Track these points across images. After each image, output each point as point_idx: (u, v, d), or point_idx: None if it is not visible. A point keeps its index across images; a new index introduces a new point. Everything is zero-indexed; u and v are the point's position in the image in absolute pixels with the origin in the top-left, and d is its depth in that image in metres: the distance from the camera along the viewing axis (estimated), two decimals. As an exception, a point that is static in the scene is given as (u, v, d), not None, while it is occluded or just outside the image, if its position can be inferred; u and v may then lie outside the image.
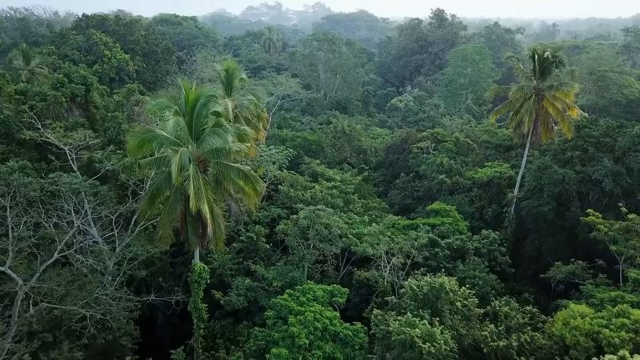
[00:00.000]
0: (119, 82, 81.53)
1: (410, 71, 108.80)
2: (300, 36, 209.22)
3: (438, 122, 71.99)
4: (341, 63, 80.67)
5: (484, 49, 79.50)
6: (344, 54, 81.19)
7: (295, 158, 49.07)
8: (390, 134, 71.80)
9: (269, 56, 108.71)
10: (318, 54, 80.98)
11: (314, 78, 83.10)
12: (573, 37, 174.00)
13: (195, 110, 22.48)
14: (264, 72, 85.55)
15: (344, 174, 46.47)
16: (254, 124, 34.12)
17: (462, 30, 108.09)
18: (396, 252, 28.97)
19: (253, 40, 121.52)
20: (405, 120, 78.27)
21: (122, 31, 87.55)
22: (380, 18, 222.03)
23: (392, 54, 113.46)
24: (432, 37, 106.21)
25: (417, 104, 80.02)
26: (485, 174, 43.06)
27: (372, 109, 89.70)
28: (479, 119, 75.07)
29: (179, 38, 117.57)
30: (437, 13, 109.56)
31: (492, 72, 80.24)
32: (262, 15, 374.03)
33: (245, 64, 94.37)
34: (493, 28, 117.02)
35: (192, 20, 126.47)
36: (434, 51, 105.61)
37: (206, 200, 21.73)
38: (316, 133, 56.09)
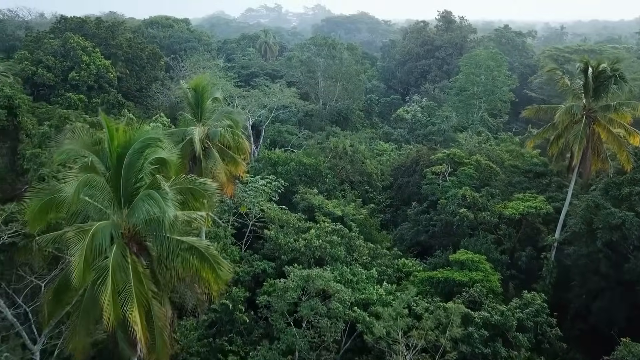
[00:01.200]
0: (98, 91, 73.74)
1: (416, 77, 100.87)
2: (300, 39, 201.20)
3: (450, 137, 64.17)
4: (342, 70, 72.85)
5: (499, 54, 71.69)
6: (345, 60, 73.37)
7: (289, 185, 41.30)
8: (397, 149, 64.03)
9: (265, 61, 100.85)
10: (317, 59, 73.17)
11: (312, 86, 75.27)
12: (583, 40, 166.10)
13: (125, 161, 14.69)
14: (258, 79, 77.70)
15: (346, 206, 38.65)
16: (231, 156, 26.25)
17: (471, 33, 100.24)
18: (417, 340, 21.14)
19: (248, 43, 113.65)
20: (412, 132, 70.42)
21: (103, 35, 79.69)
22: (382, 20, 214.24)
23: (396, 59, 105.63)
24: (439, 41, 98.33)
25: (425, 115, 72.16)
26: (517, 210, 35.16)
27: (375, 119, 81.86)
28: (494, 133, 67.26)
29: (170, 42, 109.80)
30: (444, 15, 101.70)
31: (508, 80, 72.37)
32: (262, 18, 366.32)
33: (238, 70, 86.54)
34: (503, 31, 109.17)
35: (183, 23, 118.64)
36: (441, 56, 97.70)
37: (137, 302, 13.93)
38: (313, 153, 48.24)
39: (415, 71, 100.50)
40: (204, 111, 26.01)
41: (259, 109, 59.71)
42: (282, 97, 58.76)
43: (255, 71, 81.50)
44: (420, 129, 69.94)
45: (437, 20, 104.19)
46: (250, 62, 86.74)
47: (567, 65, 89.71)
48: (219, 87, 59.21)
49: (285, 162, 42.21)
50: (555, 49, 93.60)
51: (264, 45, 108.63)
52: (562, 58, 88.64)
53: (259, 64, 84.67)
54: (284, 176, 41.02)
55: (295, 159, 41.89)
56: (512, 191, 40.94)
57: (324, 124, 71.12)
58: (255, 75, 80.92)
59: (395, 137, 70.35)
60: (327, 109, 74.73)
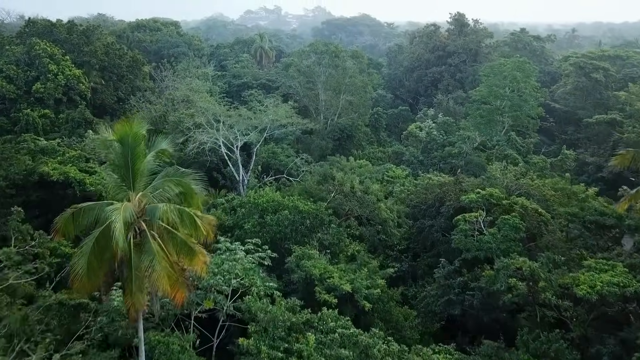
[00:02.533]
0: (67, 104, 63.85)
1: (426, 86, 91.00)
2: (299, 42, 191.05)
3: (474, 162, 54.25)
4: (346, 81, 62.93)
5: (527, 63, 61.70)
6: (349, 70, 63.39)
7: (280, 240, 31.47)
8: (411, 175, 54.13)
9: (260, 68, 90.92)
10: (317, 69, 63.23)
11: (312, 99, 65.37)
12: (598, 44, 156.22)
13: None
14: (251, 92, 67.80)
15: (357, 273, 28.75)
16: (182, 242, 16.33)
17: (487, 38, 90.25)
18: None
19: (242, 48, 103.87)
20: (428, 153, 60.49)
21: (75, 40, 69.72)
22: (384, 23, 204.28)
23: (403, 66, 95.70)
24: (451, 46, 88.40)
25: (441, 133, 62.27)
26: (593, 288, 25.19)
27: (383, 135, 71.94)
28: (524, 155, 57.34)
29: (157, 47, 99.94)
30: (456, 18, 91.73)
31: (537, 92, 62.44)
32: (261, 20, 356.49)
33: (229, 79, 76.62)
34: (520, 35, 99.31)
35: (173, 26, 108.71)
36: (454, 63, 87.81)
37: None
38: (313, 190, 38.38)
39: (425, 79, 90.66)
40: (137, 175, 16.07)
41: (250, 130, 49.81)
42: (277, 116, 48.72)
43: (248, 81, 71.51)
44: (437, 150, 60.04)
45: (449, 23, 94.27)
46: (242, 71, 76.67)
47: (595, 74, 79.96)
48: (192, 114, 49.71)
49: (276, 208, 32.30)
50: (583, 56, 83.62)
51: (259, 50, 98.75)
52: (589, 66, 78.68)
53: (252, 74, 74.61)
54: (275, 228, 31.15)
55: (289, 205, 31.92)
56: (572, 250, 30.99)
57: (325, 143, 61.28)
58: (248, 86, 70.98)
59: (408, 158, 60.46)
60: (328, 125, 64.84)
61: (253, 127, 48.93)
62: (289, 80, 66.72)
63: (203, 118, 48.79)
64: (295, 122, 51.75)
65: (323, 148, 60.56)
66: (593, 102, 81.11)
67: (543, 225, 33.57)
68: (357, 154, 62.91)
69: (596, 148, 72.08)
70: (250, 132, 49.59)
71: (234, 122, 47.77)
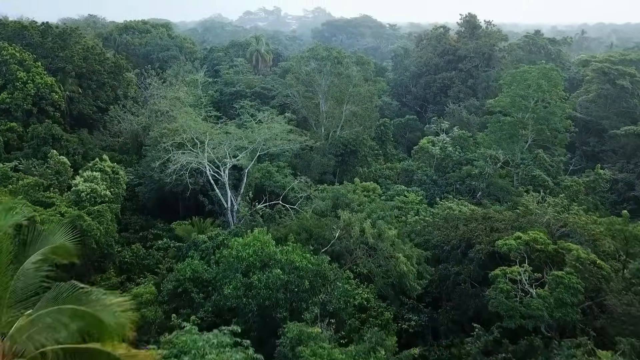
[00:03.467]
0: (38, 116, 56.65)
1: (435, 93, 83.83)
2: (298, 43, 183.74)
3: (499, 186, 47.09)
4: (350, 90, 55.75)
5: (555, 70, 54.43)
6: (353, 78, 56.13)
7: (270, 308, 24.29)
8: (425, 201, 46.98)
9: (255, 74, 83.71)
10: (317, 77, 56.02)
11: (312, 109, 58.19)
12: (609, 47, 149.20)
13: None
14: (244, 101, 60.57)
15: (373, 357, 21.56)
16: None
17: (500, 41, 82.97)
18: None
19: (238, 52, 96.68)
20: (443, 172, 53.29)
21: (49, 44, 62.48)
22: (387, 24, 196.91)
23: (410, 71, 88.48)
24: (462, 50, 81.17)
25: (457, 149, 55.07)
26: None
27: (390, 148, 64.69)
28: (554, 176, 50.13)
29: (146, 50, 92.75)
30: (467, 20, 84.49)
31: (564, 103, 55.21)
32: (260, 21, 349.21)
33: (221, 87, 69.34)
34: (534, 38, 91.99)
35: (164, 28, 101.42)
36: (466, 68, 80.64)
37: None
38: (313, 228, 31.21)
39: (434, 85, 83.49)
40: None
41: (240, 149, 42.65)
42: (271, 134, 41.52)
43: (241, 90, 64.18)
44: (452, 168, 52.86)
45: (459, 25, 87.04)
46: (235, 78, 69.29)
47: (621, 80, 72.84)
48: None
49: (265, 263, 25.10)
50: (606, 60, 76.41)
51: (255, 54, 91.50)
52: (614, 72, 71.55)
53: (245, 81, 67.21)
54: (264, 293, 23.92)
55: (283, 259, 24.68)
56: None
57: (327, 160, 54.06)
58: (241, 95, 63.72)
59: (419, 178, 53.26)
60: (330, 138, 57.66)
61: (244, 147, 41.70)
62: (286, 89, 59.49)
63: (185, 136, 41.63)
64: (292, 140, 44.53)
65: (324, 165, 53.41)
66: (617, 111, 74.03)
67: (604, 281, 26.41)
68: (363, 172, 55.79)
69: (625, 163, 65.05)
70: (241, 151, 42.40)
71: (221, 142, 40.55)
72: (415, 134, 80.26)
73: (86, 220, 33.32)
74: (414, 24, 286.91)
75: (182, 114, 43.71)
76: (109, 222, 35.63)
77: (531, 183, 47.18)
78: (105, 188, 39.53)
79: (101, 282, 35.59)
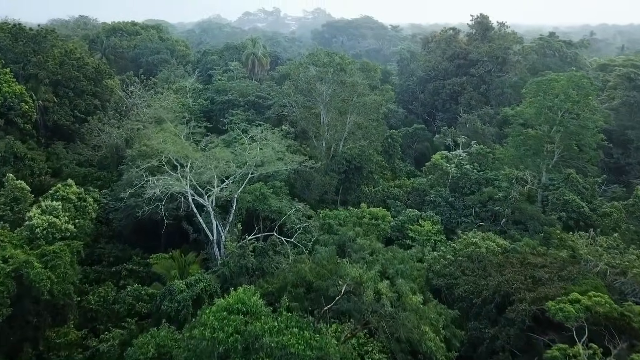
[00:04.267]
0: (7, 128, 50.31)
1: (444, 100, 77.39)
2: (298, 45, 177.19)
3: (530, 215, 40.67)
4: (354, 100, 49.41)
5: (586, 78, 47.96)
6: (358, 86, 49.73)
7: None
8: (442, 231, 40.64)
9: (251, 78, 77.33)
10: (318, 85, 49.63)
11: (312, 121, 51.81)
12: (620, 49, 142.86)
13: None
14: (236, 111, 54.18)
15: None
16: None
17: (515, 43, 76.54)
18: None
19: (233, 55, 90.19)
20: (459, 192, 46.93)
21: (20, 48, 56.03)
22: (389, 25, 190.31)
23: (416, 75, 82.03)
24: (474, 53, 74.74)
25: (475, 166, 48.71)
26: None
27: (398, 163, 58.28)
28: (588, 200, 43.70)
29: (135, 53, 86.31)
30: (479, 20, 78.07)
31: (597, 116, 48.78)
32: (259, 22, 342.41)
33: (212, 94, 62.85)
34: (549, 40, 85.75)
35: (154, 30, 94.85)
36: (478, 73, 74.19)
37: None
38: (313, 287, 24.89)
39: (443, 92, 77.07)
40: None
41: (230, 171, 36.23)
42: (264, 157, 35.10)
43: (234, 99, 57.67)
44: (471, 188, 46.48)
45: (470, 27, 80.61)
46: (228, 85, 62.71)
47: (648, 86, 66.56)
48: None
49: (249, 346, 18.70)
50: (631, 65, 70.09)
51: (251, 57, 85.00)
52: (641, 78, 65.32)
53: (239, 89, 60.62)
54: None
55: (274, 342, 18.27)
56: None
57: (329, 179, 47.68)
58: (234, 104, 57.26)
59: (433, 199, 46.94)
60: (332, 154, 51.30)
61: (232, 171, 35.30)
62: (283, 98, 53.11)
63: (164, 158, 35.28)
64: (289, 160, 38.17)
65: (325, 185, 47.09)
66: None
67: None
68: (369, 192, 49.47)
69: (655, 178, 58.93)
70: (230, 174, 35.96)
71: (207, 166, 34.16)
72: (424, 144, 73.92)
73: (35, 267, 26.95)
74: (415, 25, 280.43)
75: (158, 134, 37.22)
76: (67, 266, 29.23)
77: (564, 209, 40.82)
78: (67, 220, 33.19)
79: (56, 339, 29.28)
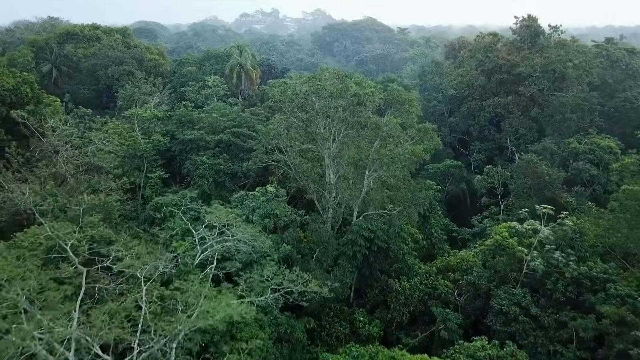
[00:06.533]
0: None
1: (481, 124, 59.08)
2: (296, 50, 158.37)
3: None
4: (376, 147, 31.13)
5: None
6: (383, 127, 31.32)
7: None
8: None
9: (232, 101, 58.94)
10: (321, 124, 31.29)
11: (313, 178, 33.38)
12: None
13: None
14: (199, 158, 35.77)
15: None
16: None
17: (579, 53, 57.89)
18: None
19: (215, 65, 71.87)
20: (547, 295, 28.64)
21: None
22: (395, 28, 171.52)
23: (444, 93, 63.54)
24: (524, 66, 56.41)
25: (569, 254, 30.38)
26: None
27: (438, 241, 39.63)
28: None
29: (91, 64, 67.85)
30: (527, 24, 59.63)
31: None
32: (257, 23, 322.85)
33: (173, 127, 44.16)
34: (608, 48, 67.36)
35: (120, 34, 76.15)
36: (528, 92, 55.94)
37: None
38: None
39: (481, 115, 58.81)
40: None
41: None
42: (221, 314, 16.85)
43: (199, 138, 39.06)
44: (565, 293, 28.26)
45: (513, 31, 62.17)
46: (194, 116, 43.92)
47: None
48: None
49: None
50: None
51: (236, 69, 66.55)
52: None
53: (210, 121, 41.86)
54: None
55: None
56: None
57: (341, 273, 29.48)
58: (199, 146, 38.79)
59: (505, 308, 28.73)
60: (340, 224, 33.10)
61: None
62: (270, 141, 34.66)
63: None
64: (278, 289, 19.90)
65: (335, 290, 28.56)
66: None
67: None
68: (401, 290, 31.30)
69: None
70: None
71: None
72: (458, 186, 55.85)
73: None
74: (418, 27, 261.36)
75: None
76: None
77: None
78: None
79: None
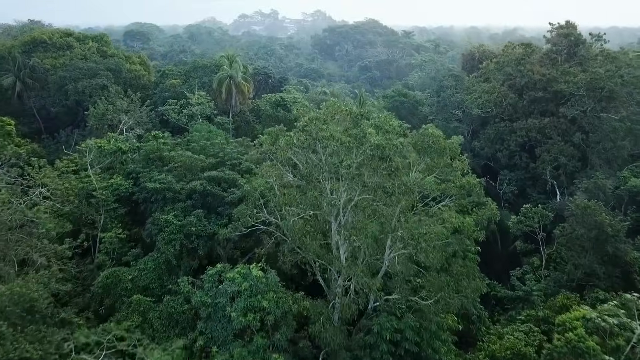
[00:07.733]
0: None
1: (511, 150, 49.74)
2: (296, 54, 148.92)
3: None
4: (398, 215, 21.75)
5: None
6: (414, 191, 22.04)
7: None
8: None
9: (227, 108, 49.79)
10: (326, 183, 22.01)
11: (317, 250, 23.96)
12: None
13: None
14: (164, 216, 26.46)
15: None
16: None
17: (625, 65, 48.53)
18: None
19: (203, 77, 62.56)
20: None
21: None
22: (400, 31, 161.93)
23: (468, 112, 54.10)
24: (563, 82, 47.06)
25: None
26: None
27: (479, 310, 30.33)
28: None
29: (59, 77, 58.47)
30: (566, 32, 50.15)
31: None
32: (256, 25, 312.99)
33: (138, 166, 34.85)
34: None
35: (96, 42, 66.56)
36: (571, 113, 46.57)
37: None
38: None
39: (511, 140, 49.44)
40: None
41: None
42: None
43: (165, 187, 29.72)
44: None
45: (547, 40, 52.72)
46: (166, 153, 34.43)
47: None
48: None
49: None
50: None
51: (226, 82, 57.14)
52: None
53: (185, 160, 32.32)
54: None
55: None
56: None
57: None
58: (166, 198, 29.46)
59: None
60: (351, 315, 23.80)
61: None
62: (257, 200, 25.27)
63: None
64: None
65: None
66: None
67: None
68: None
69: None
70: None
71: None
72: (487, 227, 46.56)
73: None
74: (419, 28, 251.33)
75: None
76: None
77: None
78: None
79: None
